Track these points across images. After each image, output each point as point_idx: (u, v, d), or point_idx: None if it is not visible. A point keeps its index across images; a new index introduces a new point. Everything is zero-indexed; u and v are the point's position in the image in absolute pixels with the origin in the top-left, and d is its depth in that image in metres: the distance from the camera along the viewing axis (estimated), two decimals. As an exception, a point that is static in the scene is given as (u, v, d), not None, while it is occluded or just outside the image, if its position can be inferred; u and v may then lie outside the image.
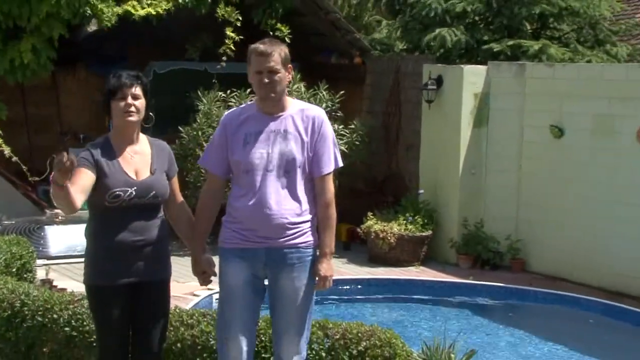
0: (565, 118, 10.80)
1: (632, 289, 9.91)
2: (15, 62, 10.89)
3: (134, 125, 4.98)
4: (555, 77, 11.03)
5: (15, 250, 8.01)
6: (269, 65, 4.83)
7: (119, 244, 4.86)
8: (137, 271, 4.91)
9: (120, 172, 4.88)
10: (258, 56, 4.86)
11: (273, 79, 4.84)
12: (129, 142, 4.97)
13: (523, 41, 12.40)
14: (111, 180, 4.84)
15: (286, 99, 4.99)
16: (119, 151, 4.95)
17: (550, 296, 10.01)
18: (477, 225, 11.41)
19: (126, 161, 4.93)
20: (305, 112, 4.98)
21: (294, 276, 4.86)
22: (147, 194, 4.90)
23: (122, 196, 4.84)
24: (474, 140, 11.47)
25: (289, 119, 4.92)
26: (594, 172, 10.46)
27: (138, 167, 4.95)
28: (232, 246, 4.87)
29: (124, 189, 4.85)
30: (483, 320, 9.54)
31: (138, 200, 4.88)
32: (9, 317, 6.33)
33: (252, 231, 4.83)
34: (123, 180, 4.87)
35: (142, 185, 4.90)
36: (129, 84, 4.90)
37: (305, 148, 4.90)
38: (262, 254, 4.84)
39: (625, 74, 10.38)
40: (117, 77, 4.93)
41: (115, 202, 4.84)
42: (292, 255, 4.86)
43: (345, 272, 10.94)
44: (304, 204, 4.90)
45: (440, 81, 11.65)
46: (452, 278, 10.74)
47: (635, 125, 9.94)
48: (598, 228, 10.40)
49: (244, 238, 4.84)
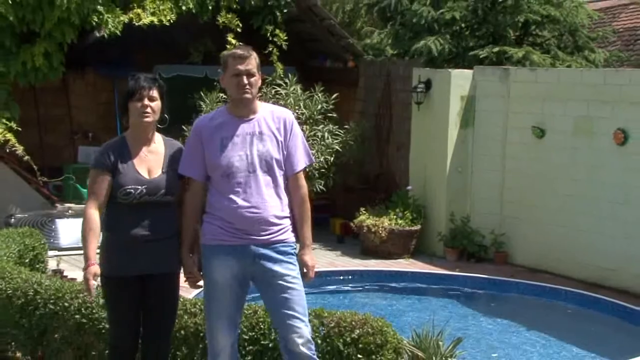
0: (546, 119, 10.81)
1: (608, 280, 9.94)
2: (27, 65, 10.87)
3: (150, 126, 4.97)
4: (538, 81, 11.04)
5: (28, 242, 8.02)
6: (247, 68, 4.86)
7: (131, 238, 4.86)
8: (147, 264, 4.90)
9: (132, 171, 4.88)
10: (236, 59, 4.87)
11: (250, 81, 4.86)
12: (144, 141, 4.96)
13: (507, 48, 12.42)
14: (123, 178, 4.85)
15: (256, 102, 4.99)
16: (134, 150, 4.95)
17: (531, 287, 10.03)
18: (464, 220, 11.42)
19: (140, 160, 4.92)
20: (276, 114, 5.00)
21: (286, 267, 4.85)
22: (157, 191, 4.90)
23: (133, 193, 4.85)
24: (461, 140, 11.48)
25: (261, 120, 4.93)
26: (573, 171, 10.48)
27: (151, 166, 4.95)
28: (217, 243, 4.84)
29: (135, 186, 4.85)
30: (468, 310, 9.55)
31: (148, 198, 4.87)
32: (23, 305, 6.35)
33: (239, 230, 4.80)
34: (134, 178, 4.87)
35: (152, 183, 4.90)
36: (147, 87, 4.90)
37: (280, 147, 4.91)
38: (251, 251, 4.81)
39: (603, 78, 10.38)
40: (135, 79, 4.93)
41: (126, 198, 4.85)
42: (280, 249, 4.86)
43: (339, 264, 10.95)
44: (284, 201, 4.93)
45: (429, 84, 11.66)
46: (439, 270, 10.74)
47: (612, 127, 9.95)
48: (577, 223, 10.42)
49: (233, 236, 4.81)
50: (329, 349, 5.40)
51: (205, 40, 12.95)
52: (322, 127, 11.69)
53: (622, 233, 9.87)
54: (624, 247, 9.84)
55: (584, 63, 12.92)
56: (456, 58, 12.74)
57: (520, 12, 12.85)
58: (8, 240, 7.83)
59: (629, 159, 9.83)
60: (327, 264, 10.73)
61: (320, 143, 11.50)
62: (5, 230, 8.40)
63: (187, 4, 11.70)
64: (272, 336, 5.38)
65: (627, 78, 10.03)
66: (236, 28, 11.95)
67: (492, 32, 12.96)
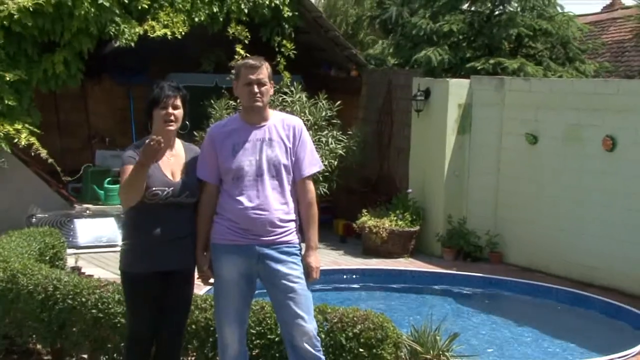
0: (539, 127, 10.80)
1: (596, 279, 9.93)
2: (48, 73, 10.89)
3: (172, 133, 4.97)
4: (531, 90, 11.03)
5: (48, 241, 8.01)
6: (258, 77, 4.86)
7: (153, 237, 4.86)
8: (167, 261, 4.91)
9: (159, 173, 4.88)
10: (248, 69, 4.88)
11: (261, 90, 4.86)
12: (167, 146, 4.88)
13: (503, 59, 12.41)
14: (152, 180, 4.82)
15: (268, 110, 4.99)
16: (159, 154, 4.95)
17: (524, 285, 10.02)
18: (460, 221, 11.42)
19: (164, 163, 4.91)
20: (286, 122, 5.00)
21: (290, 267, 4.85)
22: (182, 193, 4.91)
23: (160, 195, 4.85)
24: (458, 146, 11.48)
25: (272, 127, 4.93)
26: (564, 176, 10.47)
27: (174, 169, 4.95)
28: (227, 242, 4.85)
29: (162, 188, 4.85)
30: (464, 307, 9.54)
31: (173, 199, 4.88)
32: (43, 300, 6.35)
33: (246, 230, 4.82)
34: (162, 180, 4.87)
35: (178, 185, 4.90)
36: (172, 95, 4.91)
37: (289, 153, 4.91)
38: (256, 250, 4.82)
39: (593, 88, 10.38)
40: (160, 87, 4.93)
41: (153, 199, 4.84)
42: (283, 250, 4.86)
43: (342, 262, 10.95)
44: (290, 205, 4.92)
45: (428, 93, 11.66)
46: (437, 269, 10.73)
47: (601, 134, 9.94)
48: (568, 225, 10.41)
49: (239, 236, 4.83)
50: (332, 343, 5.41)
51: (216, 50, 12.96)
52: (326, 132, 11.69)
53: (608, 234, 9.86)
54: (610, 248, 9.83)
55: (575, 74, 12.91)
56: (454, 68, 12.74)
57: (514, 25, 12.84)
58: (29, 238, 7.83)
59: (617, 165, 9.82)
60: (330, 263, 10.73)
61: (324, 148, 11.49)
62: (27, 230, 8.39)
63: (199, 16, 11.69)
64: (278, 331, 5.37)
65: (616, 88, 10.03)
66: (245, 39, 11.96)
67: (488, 44, 12.95)
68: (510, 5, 13.25)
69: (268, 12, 12.19)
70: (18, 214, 10.75)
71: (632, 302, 9.09)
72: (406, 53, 13.31)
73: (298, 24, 12.58)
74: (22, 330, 6.68)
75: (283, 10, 12.25)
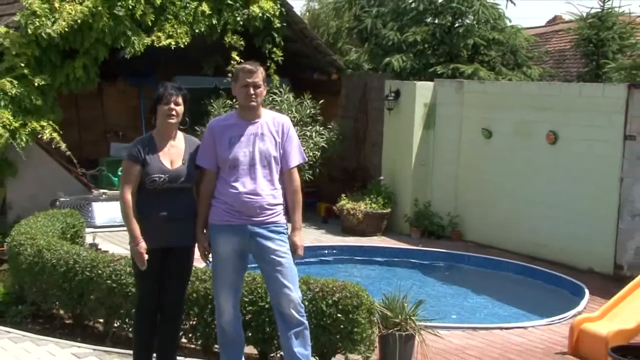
0: (493, 123, 10.81)
1: (542, 254, 9.97)
2: (69, 77, 10.82)
3: (173, 126, 4.96)
4: (486, 91, 11.04)
5: (69, 221, 8.02)
6: (254, 80, 4.83)
7: (155, 217, 4.86)
8: (169, 239, 4.89)
9: (157, 162, 4.87)
10: (245, 73, 4.84)
11: (256, 91, 4.83)
12: (168, 138, 4.95)
13: (460, 65, 12.43)
14: (150, 168, 4.84)
15: (261, 109, 4.96)
16: (160, 145, 4.94)
17: (480, 259, 10.06)
18: (426, 204, 11.43)
19: (164, 153, 4.91)
20: (276, 119, 4.98)
21: (278, 244, 4.83)
22: (178, 179, 4.89)
23: (158, 181, 4.84)
24: (424, 140, 11.47)
25: (264, 124, 4.91)
26: (514, 165, 10.50)
27: (173, 158, 4.93)
28: (223, 222, 4.82)
29: (159, 175, 4.84)
30: (429, 278, 9.57)
31: (170, 185, 4.86)
32: (65, 272, 6.33)
33: (240, 212, 4.79)
34: (159, 168, 4.86)
35: (174, 172, 4.89)
36: (174, 94, 4.90)
37: (278, 146, 4.89)
38: (248, 230, 4.79)
39: (538, 90, 10.40)
40: (164, 87, 4.94)
41: (152, 185, 4.84)
42: (272, 229, 4.83)
43: (324, 240, 10.94)
44: (279, 191, 4.89)
45: (398, 94, 11.64)
46: (406, 245, 10.74)
47: (545, 129, 9.97)
48: (518, 208, 10.45)
49: (233, 217, 4.80)
50: (314, 310, 5.42)
51: (215, 56, 12.87)
52: (310, 128, 11.68)
53: (551, 215, 9.90)
54: (553, 227, 9.87)
55: (523, 77, 12.94)
56: (419, 73, 12.74)
57: (471, 36, 12.87)
58: (53, 219, 7.83)
59: (559, 156, 9.86)
60: (313, 240, 10.72)
61: (309, 141, 11.49)
62: (51, 211, 8.43)
63: (199, 27, 11.62)
64: (268, 299, 5.35)
65: (558, 90, 10.07)
66: (240, 47, 11.89)
67: (449, 51, 12.95)
68: (468, 19, 13.25)
69: (260, 23, 12.11)
70: (44, 198, 10.70)
71: (570, 273, 9.16)
72: (379, 59, 13.26)
73: (286, 34, 12.51)
74: (47, 298, 6.67)
75: (273, 22, 12.17)
